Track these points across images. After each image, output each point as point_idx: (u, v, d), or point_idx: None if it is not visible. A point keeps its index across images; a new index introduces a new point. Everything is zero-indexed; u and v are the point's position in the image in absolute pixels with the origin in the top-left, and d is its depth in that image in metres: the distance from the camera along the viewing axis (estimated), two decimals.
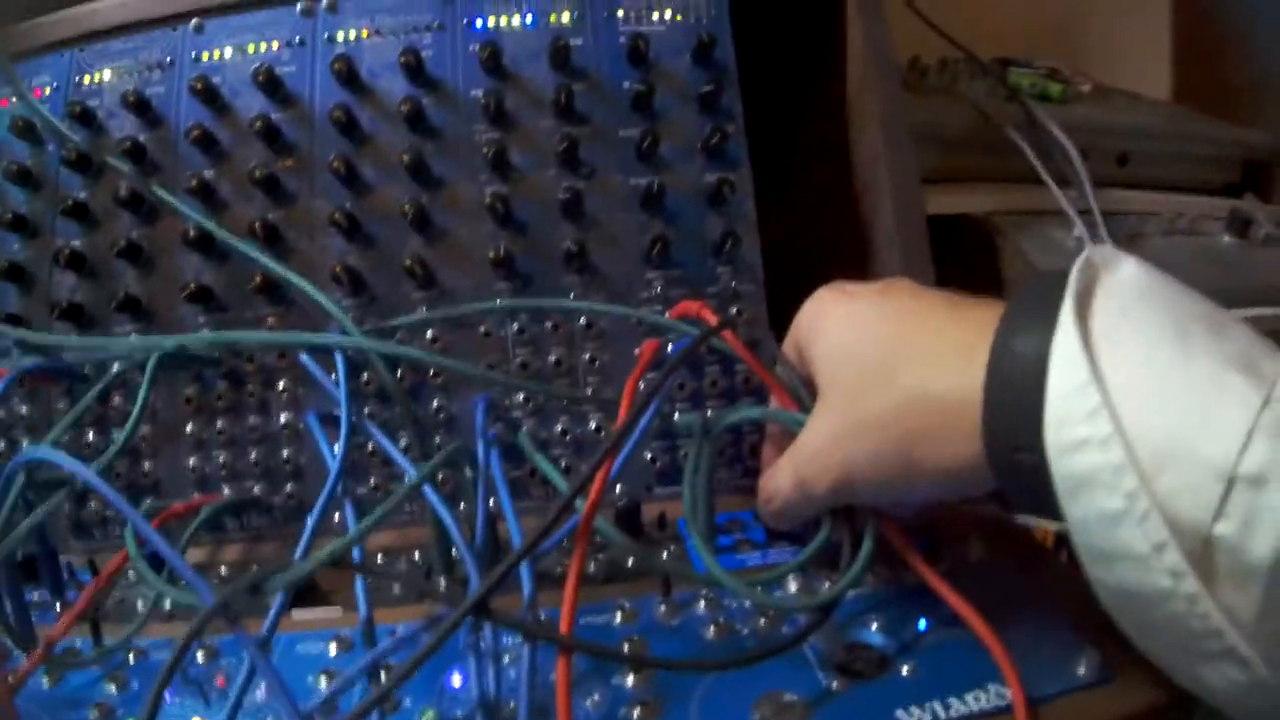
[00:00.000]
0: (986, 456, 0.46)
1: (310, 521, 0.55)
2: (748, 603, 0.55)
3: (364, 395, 0.70)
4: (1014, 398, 0.44)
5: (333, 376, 0.65)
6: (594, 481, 0.50)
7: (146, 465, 0.72)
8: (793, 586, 0.57)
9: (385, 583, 0.61)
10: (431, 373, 0.70)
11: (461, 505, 0.64)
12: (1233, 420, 0.38)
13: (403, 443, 0.67)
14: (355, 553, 0.54)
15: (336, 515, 0.63)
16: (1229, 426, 0.38)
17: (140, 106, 0.75)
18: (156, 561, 0.60)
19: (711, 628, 0.53)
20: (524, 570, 0.50)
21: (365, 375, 0.69)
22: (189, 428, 0.71)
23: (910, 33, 1.08)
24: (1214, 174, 1.19)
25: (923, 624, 0.54)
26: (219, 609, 0.46)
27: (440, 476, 0.68)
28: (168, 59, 0.77)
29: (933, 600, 0.54)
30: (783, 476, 0.57)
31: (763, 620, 0.54)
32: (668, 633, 0.54)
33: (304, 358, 0.67)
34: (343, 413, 0.61)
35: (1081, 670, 0.50)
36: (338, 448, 0.60)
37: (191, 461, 0.71)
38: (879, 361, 0.52)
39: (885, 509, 0.56)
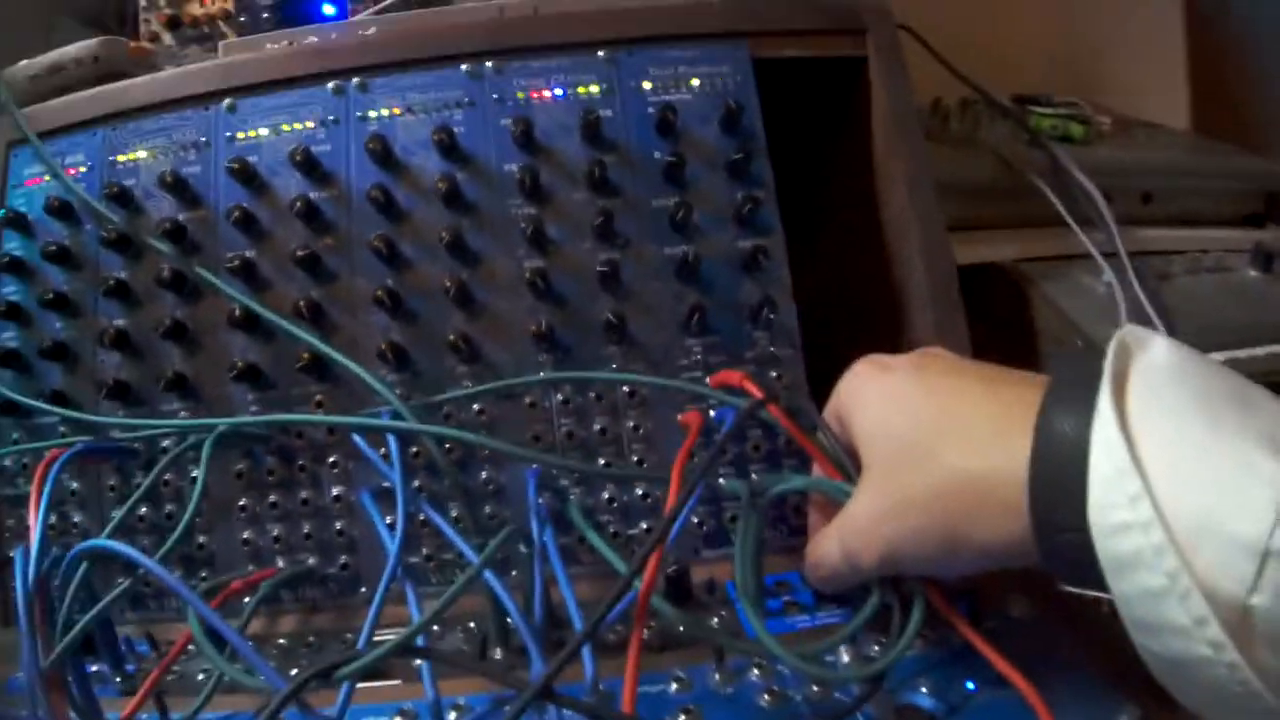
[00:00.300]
0: (1034, 536, 0.47)
1: (373, 609, 0.56)
2: None
3: (414, 467, 0.71)
4: (1058, 480, 0.46)
5: (381, 451, 0.67)
6: (648, 563, 0.52)
7: (201, 539, 0.73)
8: (843, 651, 0.57)
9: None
10: None
11: (514, 573, 0.65)
12: (1261, 500, 0.40)
13: (453, 513, 0.68)
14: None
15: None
16: (1258, 505, 0.40)
17: (178, 187, 0.77)
18: (214, 635, 0.61)
19: (765, 695, 0.54)
20: (585, 651, 0.51)
21: (415, 448, 0.70)
22: (242, 502, 0.73)
23: (931, 73, 1.09)
24: (1236, 206, 1.19)
25: (970, 684, 0.55)
26: (290, 698, 0.47)
27: None
28: (202, 139, 0.79)
29: (979, 660, 0.54)
30: (829, 546, 0.58)
31: (815, 687, 0.55)
32: (722, 701, 0.55)
33: (359, 440, 0.68)
34: (399, 498, 0.62)
35: None
36: (390, 519, 0.61)
37: (245, 535, 0.72)
38: (919, 439, 0.53)
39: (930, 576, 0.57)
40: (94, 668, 0.64)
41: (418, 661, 0.58)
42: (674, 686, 0.56)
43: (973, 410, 0.52)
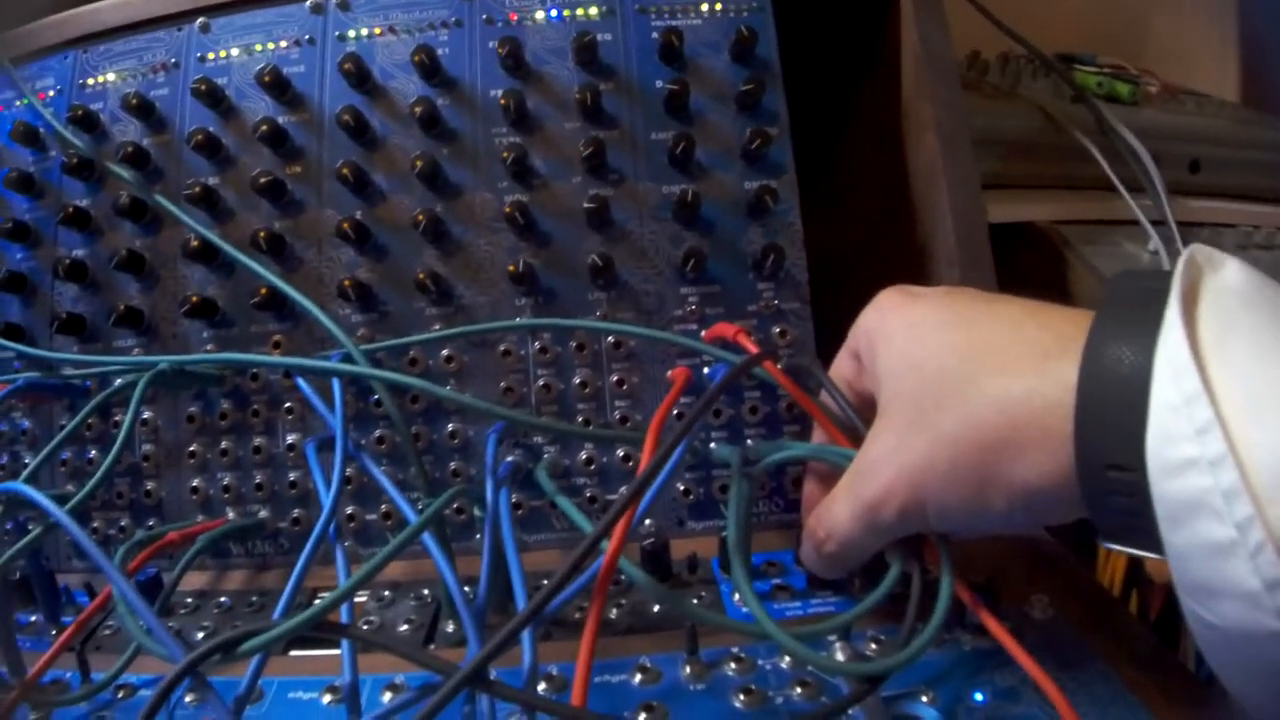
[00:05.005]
0: (1076, 472, 0.40)
1: (296, 571, 0.50)
2: (784, 664, 0.49)
3: (373, 417, 0.66)
4: (1111, 408, 0.39)
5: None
6: (616, 526, 0.44)
7: (149, 485, 0.68)
8: (836, 646, 0.49)
9: (389, 623, 0.57)
10: None
11: (477, 537, 0.59)
12: None
13: (412, 470, 0.62)
14: (344, 610, 0.49)
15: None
16: None
17: (144, 110, 0.72)
18: (155, 587, 0.59)
19: (741, 695, 0.47)
20: (526, 636, 0.44)
21: (375, 396, 0.64)
22: (192, 448, 0.68)
23: (969, 26, 1.02)
24: None
25: (979, 696, 0.47)
26: (185, 672, 0.41)
27: (458, 505, 0.64)
28: (173, 60, 0.74)
29: (990, 667, 0.48)
30: (840, 509, 0.50)
31: (799, 688, 0.47)
32: (692, 698, 0.48)
33: (301, 383, 0.62)
34: (337, 448, 0.56)
35: None
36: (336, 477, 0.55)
37: (195, 483, 0.68)
38: (951, 367, 0.46)
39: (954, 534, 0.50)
40: (32, 618, 0.61)
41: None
42: (638, 678, 0.49)
43: (1013, 333, 0.45)
